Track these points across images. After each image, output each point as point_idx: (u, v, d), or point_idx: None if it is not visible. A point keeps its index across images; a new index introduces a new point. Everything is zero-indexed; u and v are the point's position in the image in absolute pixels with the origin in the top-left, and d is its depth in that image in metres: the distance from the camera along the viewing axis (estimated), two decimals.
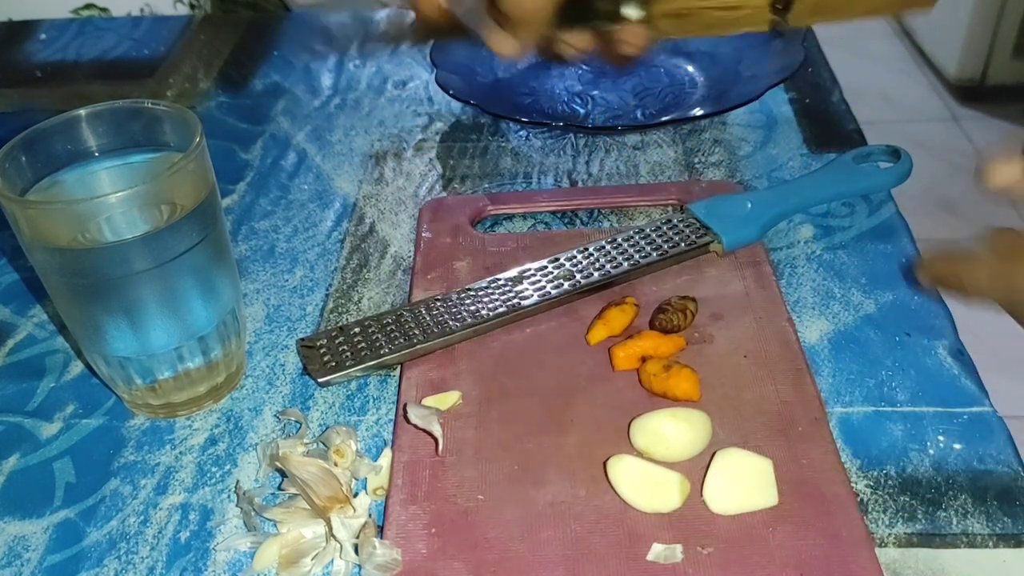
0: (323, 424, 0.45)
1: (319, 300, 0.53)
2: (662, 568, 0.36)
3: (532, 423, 0.43)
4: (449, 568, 0.37)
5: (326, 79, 0.75)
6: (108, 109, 0.45)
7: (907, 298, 0.50)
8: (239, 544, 0.40)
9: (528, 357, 0.46)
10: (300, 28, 0.83)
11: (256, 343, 0.50)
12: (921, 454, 0.42)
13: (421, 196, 0.61)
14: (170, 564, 0.39)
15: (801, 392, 0.43)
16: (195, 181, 0.42)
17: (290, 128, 0.69)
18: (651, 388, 0.43)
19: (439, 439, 0.41)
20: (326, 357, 0.47)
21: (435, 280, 0.52)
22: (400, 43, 0.53)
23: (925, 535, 0.38)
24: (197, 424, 0.46)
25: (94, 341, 0.44)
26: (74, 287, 0.42)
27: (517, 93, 0.71)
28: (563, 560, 0.37)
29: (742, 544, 0.37)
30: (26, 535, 0.41)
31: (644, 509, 0.38)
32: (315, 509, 0.39)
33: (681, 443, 0.40)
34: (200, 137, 0.42)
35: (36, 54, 0.82)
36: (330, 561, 0.39)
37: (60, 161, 0.44)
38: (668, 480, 0.38)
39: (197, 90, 0.75)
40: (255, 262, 0.56)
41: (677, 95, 0.70)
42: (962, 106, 2.21)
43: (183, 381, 0.45)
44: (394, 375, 0.47)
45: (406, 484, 0.40)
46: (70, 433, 0.46)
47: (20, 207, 0.40)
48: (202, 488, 0.42)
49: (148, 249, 0.40)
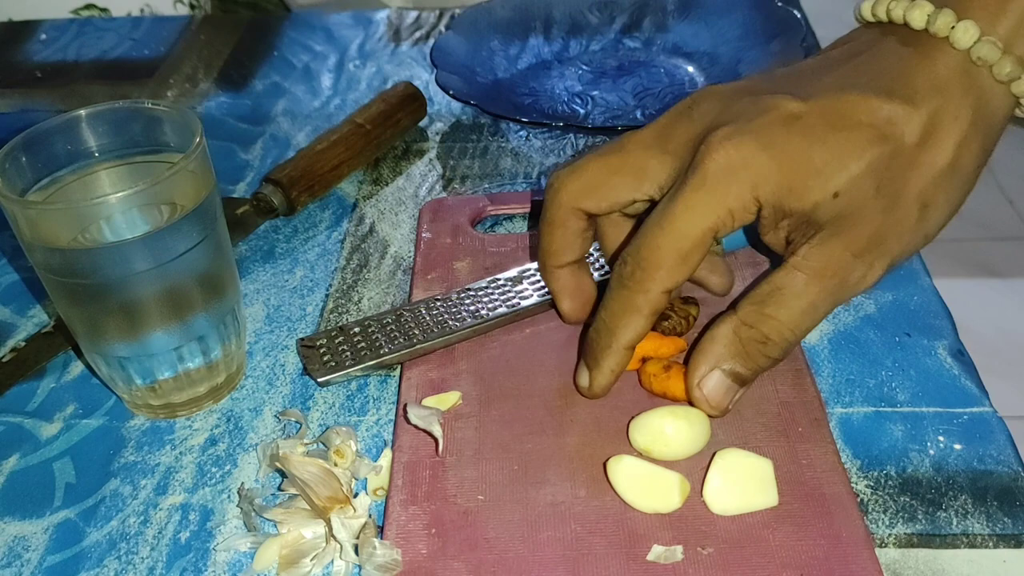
0: (323, 424, 0.45)
1: (319, 300, 0.53)
2: (662, 568, 0.36)
3: (532, 423, 0.43)
4: (449, 568, 0.37)
5: (326, 79, 0.75)
6: (108, 109, 0.45)
7: (907, 298, 0.50)
8: (239, 544, 0.40)
9: (528, 357, 0.46)
10: (300, 28, 0.84)
11: (256, 343, 0.50)
12: (921, 454, 0.42)
13: (421, 196, 0.61)
14: (170, 564, 0.39)
15: (801, 392, 0.43)
16: (195, 181, 0.42)
17: (290, 128, 0.69)
18: (651, 388, 0.43)
19: (439, 439, 0.41)
20: (326, 357, 0.47)
21: (435, 280, 0.52)
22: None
23: (925, 535, 0.38)
24: (197, 424, 0.46)
25: (94, 341, 0.44)
26: (74, 287, 0.42)
27: (517, 93, 0.71)
28: (563, 560, 0.37)
29: (742, 544, 0.37)
30: (26, 535, 0.41)
31: (644, 510, 0.38)
32: (315, 509, 0.39)
33: (681, 441, 0.40)
34: (200, 137, 0.42)
35: (36, 54, 0.82)
36: (330, 561, 0.39)
37: (60, 161, 0.44)
38: (668, 480, 0.38)
39: (197, 90, 0.75)
40: (255, 262, 0.56)
41: (677, 95, 0.70)
42: None
43: (183, 381, 0.45)
44: (394, 375, 0.47)
45: (406, 484, 0.40)
46: (70, 433, 0.46)
47: (20, 207, 0.40)
48: (202, 488, 0.42)
49: (148, 249, 0.40)
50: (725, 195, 0.37)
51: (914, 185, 0.38)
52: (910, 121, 0.37)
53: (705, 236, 0.38)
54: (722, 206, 0.37)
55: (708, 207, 0.37)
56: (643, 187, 0.41)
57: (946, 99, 0.38)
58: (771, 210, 0.38)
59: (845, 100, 0.37)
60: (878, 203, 0.37)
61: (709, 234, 0.38)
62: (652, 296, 0.39)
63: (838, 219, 0.37)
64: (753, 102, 0.39)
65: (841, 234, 0.37)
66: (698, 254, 0.38)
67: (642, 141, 0.41)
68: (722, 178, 0.37)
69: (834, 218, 0.37)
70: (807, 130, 0.37)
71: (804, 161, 0.37)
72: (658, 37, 0.75)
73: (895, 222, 0.38)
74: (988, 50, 0.38)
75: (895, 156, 0.37)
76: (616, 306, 0.40)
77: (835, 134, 0.37)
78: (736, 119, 0.38)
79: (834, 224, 0.37)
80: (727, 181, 0.37)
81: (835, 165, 0.37)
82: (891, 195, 0.37)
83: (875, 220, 0.37)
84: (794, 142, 0.37)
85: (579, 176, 0.42)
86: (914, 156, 0.37)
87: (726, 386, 0.40)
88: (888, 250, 0.38)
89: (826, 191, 0.37)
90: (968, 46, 0.38)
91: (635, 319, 0.40)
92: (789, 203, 0.37)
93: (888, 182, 0.37)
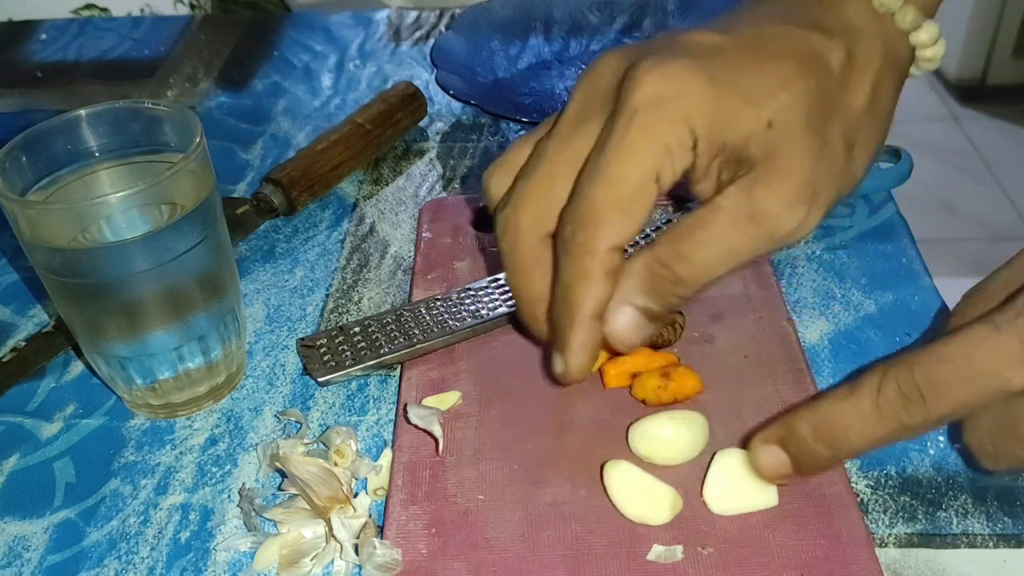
0: (323, 424, 0.45)
1: (319, 300, 0.53)
2: (662, 568, 0.36)
3: (532, 423, 0.43)
4: (449, 568, 0.37)
5: (326, 79, 0.75)
6: (108, 109, 0.45)
7: (907, 298, 0.50)
8: (239, 544, 0.40)
9: (528, 357, 0.46)
10: (300, 28, 0.84)
11: (256, 343, 0.50)
12: (921, 454, 0.42)
13: (421, 196, 0.61)
14: (170, 564, 0.39)
15: (801, 392, 0.43)
16: (195, 181, 0.42)
17: (290, 128, 0.69)
18: (659, 400, 0.42)
19: (439, 439, 0.41)
20: (326, 357, 0.47)
21: (435, 280, 0.52)
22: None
23: (925, 535, 0.38)
24: (197, 424, 0.46)
25: (94, 341, 0.44)
26: (74, 287, 0.42)
27: (517, 93, 0.71)
28: (563, 560, 0.37)
29: (742, 544, 0.37)
30: (26, 535, 0.41)
31: (633, 518, 0.38)
32: (315, 509, 0.39)
33: (681, 446, 0.40)
34: (200, 137, 0.42)
35: (36, 54, 0.82)
36: (330, 561, 0.39)
37: (60, 161, 0.44)
38: (661, 493, 0.38)
39: (197, 90, 0.75)
40: (255, 262, 0.56)
41: None
42: (962, 106, 2.21)
43: (183, 381, 0.45)
44: (394, 375, 0.47)
45: (406, 484, 0.40)
46: (70, 433, 0.46)
47: (20, 207, 0.40)
48: (202, 488, 0.42)
49: (148, 249, 0.40)
50: (658, 129, 0.34)
51: (838, 125, 0.36)
52: (832, 54, 0.36)
53: (645, 180, 0.35)
54: (656, 142, 0.34)
55: (641, 146, 0.34)
56: None
57: (857, 40, 0.37)
58: (705, 145, 0.35)
59: (767, 32, 0.36)
60: (809, 142, 0.35)
61: (650, 177, 0.35)
62: (601, 256, 0.35)
63: (769, 159, 0.35)
64: (669, 40, 0.36)
65: (773, 181, 0.35)
66: (642, 201, 0.35)
67: (560, 133, 0.37)
68: (651, 111, 0.34)
69: (765, 156, 0.35)
70: (732, 62, 0.35)
71: (736, 89, 0.34)
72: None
73: (826, 165, 0.36)
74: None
75: (821, 90, 0.36)
76: (567, 275, 0.36)
77: (762, 63, 0.35)
78: (656, 52, 0.35)
79: (765, 165, 0.35)
80: (657, 114, 0.34)
81: (766, 94, 0.35)
82: (820, 133, 0.35)
83: (807, 163, 0.35)
84: (722, 70, 0.35)
85: (525, 205, 0.37)
86: (837, 94, 0.36)
87: (636, 321, 0.37)
88: (823, 199, 0.36)
89: (760, 120, 0.34)
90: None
91: (590, 285, 0.36)
92: (723, 134, 0.34)
93: (817, 117, 0.35)
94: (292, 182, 0.58)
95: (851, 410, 0.33)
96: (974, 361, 0.31)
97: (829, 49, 0.36)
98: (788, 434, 0.35)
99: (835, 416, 0.34)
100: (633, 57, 0.36)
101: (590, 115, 0.37)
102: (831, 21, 0.37)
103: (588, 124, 0.36)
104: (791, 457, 0.36)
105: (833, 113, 0.36)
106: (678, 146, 0.34)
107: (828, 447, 0.34)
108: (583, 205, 0.35)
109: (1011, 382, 0.31)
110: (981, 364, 0.31)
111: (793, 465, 0.36)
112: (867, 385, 0.33)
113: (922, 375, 0.32)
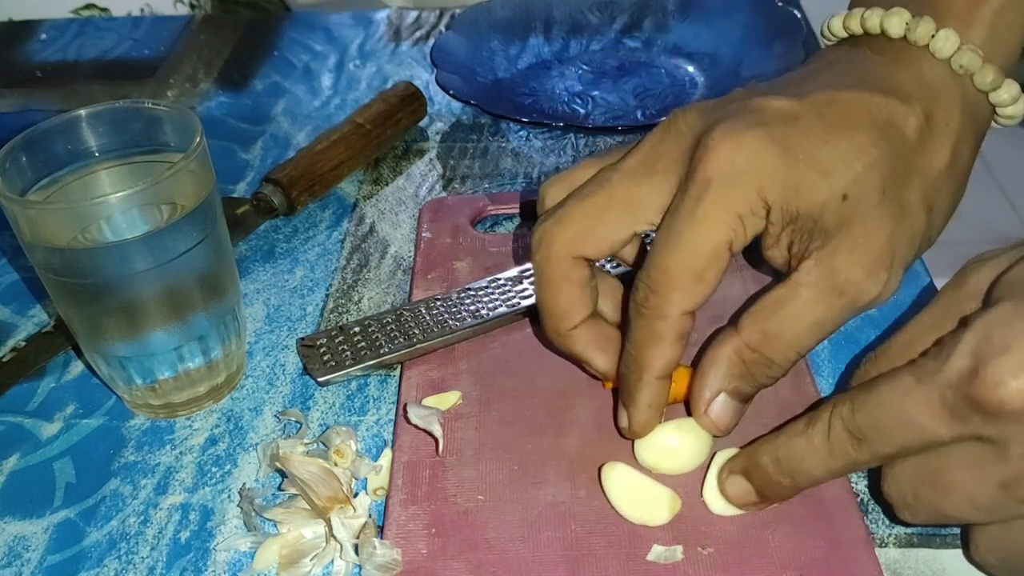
0: (323, 424, 0.45)
1: (319, 300, 0.53)
2: (662, 568, 0.36)
3: (532, 423, 0.43)
4: (449, 568, 0.37)
5: (326, 79, 0.75)
6: (108, 109, 0.45)
7: (907, 298, 0.50)
8: (239, 544, 0.40)
9: (528, 357, 0.46)
10: (300, 28, 0.84)
11: (256, 343, 0.50)
12: None
13: (421, 196, 0.61)
14: (170, 564, 0.39)
15: (801, 392, 0.43)
16: (195, 181, 0.42)
17: (290, 128, 0.69)
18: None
19: (439, 439, 0.41)
20: (326, 356, 0.47)
21: (435, 280, 0.52)
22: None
23: (925, 535, 0.38)
24: (197, 424, 0.46)
25: (94, 341, 0.44)
26: (74, 287, 0.42)
27: (517, 93, 0.71)
28: (563, 560, 0.37)
29: (742, 545, 0.37)
30: (26, 535, 0.41)
31: (631, 520, 0.38)
32: (315, 509, 0.39)
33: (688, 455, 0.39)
34: (200, 137, 0.42)
35: (36, 54, 0.82)
36: (330, 561, 0.39)
37: (60, 161, 0.44)
38: (659, 495, 0.38)
39: (197, 90, 0.75)
40: (255, 262, 0.56)
41: (677, 96, 0.70)
42: None
43: (183, 381, 0.45)
44: (394, 375, 0.47)
45: (406, 484, 0.40)
46: (70, 433, 0.46)
47: (20, 207, 0.40)
48: (202, 488, 0.42)
49: (148, 249, 0.40)
50: (732, 200, 0.35)
51: (917, 188, 0.37)
52: (908, 120, 0.36)
53: (718, 249, 0.35)
54: (730, 213, 0.35)
55: (715, 217, 0.35)
56: (639, 218, 0.37)
57: (936, 101, 0.37)
58: (779, 213, 0.35)
59: (841, 99, 0.36)
60: (886, 209, 0.35)
61: (723, 247, 0.35)
62: (672, 321, 0.36)
63: (844, 228, 0.35)
64: (743, 105, 0.37)
65: (852, 251, 0.35)
66: (714, 270, 0.35)
67: (626, 170, 0.38)
68: (726, 181, 0.35)
69: (840, 225, 0.35)
70: (807, 129, 0.35)
71: (809, 159, 0.35)
72: (659, 37, 0.75)
73: (905, 228, 0.36)
74: (970, 58, 0.38)
75: (898, 157, 0.36)
76: (638, 336, 0.37)
77: (837, 133, 0.35)
78: (730, 119, 0.36)
79: (841, 235, 0.35)
80: (731, 184, 0.35)
81: (841, 164, 0.35)
82: (897, 199, 0.36)
83: (885, 229, 0.35)
84: (796, 140, 0.35)
85: (568, 223, 0.38)
86: (914, 158, 0.37)
87: (732, 407, 0.38)
88: (901, 261, 0.36)
89: (834, 191, 0.35)
90: (949, 54, 0.38)
91: (660, 347, 0.37)
92: (796, 204, 0.35)
93: (892, 185, 0.36)
94: (292, 182, 0.58)
95: (806, 445, 0.35)
96: (903, 410, 0.32)
97: (906, 115, 0.36)
98: (751, 465, 0.37)
99: (793, 450, 0.35)
100: (710, 119, 0.37)
101: (660, 169, 0.37)
102: (908, 83, 0.37)
103: (655, 178, 0.37)
104: (754, 487, 0.37)
105: (911, 177, 0.36)
106: (750, 215, 0.35)
107: (788, 478, 0.36)
108: (656, 272, 0.36)
109: (936, 433, 0.31)
110: (908, 414, 0.32)
111: (757, 494, 0.37)
112: (820, 421, 0.34)
113: (862, 417, 0.33)
